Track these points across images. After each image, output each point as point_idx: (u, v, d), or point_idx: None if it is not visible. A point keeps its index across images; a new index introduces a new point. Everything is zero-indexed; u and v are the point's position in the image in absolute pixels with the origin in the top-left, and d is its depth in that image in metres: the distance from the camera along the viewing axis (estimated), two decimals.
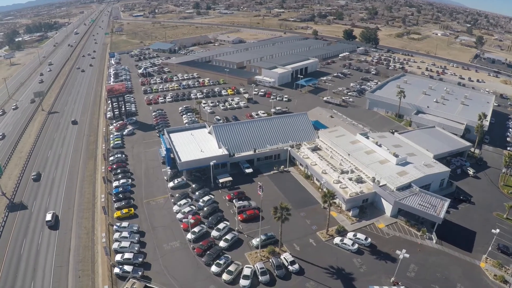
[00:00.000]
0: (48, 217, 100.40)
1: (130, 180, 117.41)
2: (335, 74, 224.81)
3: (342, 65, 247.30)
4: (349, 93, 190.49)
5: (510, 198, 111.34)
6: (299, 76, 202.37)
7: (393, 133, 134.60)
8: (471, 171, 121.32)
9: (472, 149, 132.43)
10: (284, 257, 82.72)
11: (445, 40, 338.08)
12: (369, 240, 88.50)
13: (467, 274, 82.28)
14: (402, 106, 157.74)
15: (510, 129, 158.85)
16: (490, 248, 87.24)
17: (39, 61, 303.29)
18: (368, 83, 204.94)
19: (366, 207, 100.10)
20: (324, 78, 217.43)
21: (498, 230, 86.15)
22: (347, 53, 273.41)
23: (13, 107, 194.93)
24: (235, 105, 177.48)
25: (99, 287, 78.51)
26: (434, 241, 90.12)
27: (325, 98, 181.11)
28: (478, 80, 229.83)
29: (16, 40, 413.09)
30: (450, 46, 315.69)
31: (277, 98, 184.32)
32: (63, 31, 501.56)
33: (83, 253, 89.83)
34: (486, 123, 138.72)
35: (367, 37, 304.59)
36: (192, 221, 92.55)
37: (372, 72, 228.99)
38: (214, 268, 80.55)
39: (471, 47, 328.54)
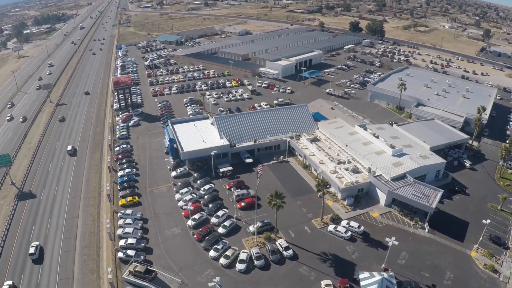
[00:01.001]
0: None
1: (134, 169, 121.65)
2: (339, 66, 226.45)
3: (347, 57, 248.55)
4: (351, 85, 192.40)
5: (505, 190, 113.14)
6: (302, 68, 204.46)
7: (392, 125, 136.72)
8: (467, 163, 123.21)
9: (470, 142, 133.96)
10: (279, 243, 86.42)
11: (452, 33, 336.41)
12: (362, 228, 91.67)
13: (457, 263, 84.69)
14: (403, 98, 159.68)
15: (511, 123, 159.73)
16: (481, 238, 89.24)
17: (47, 53, 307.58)
18: (372, 76, 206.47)
19: (361, 196, 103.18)
20: (328, 70, 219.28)
21: (489, 221, 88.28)
22: (352, 45, 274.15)
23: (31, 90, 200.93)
24: (238, 97, 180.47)
25: (104, 270, 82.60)
26: (427, 230, 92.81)
27: (327, 90, 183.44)
28: (482, 74, 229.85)
29: (24, 32, 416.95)
30: (456, 39, 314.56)
31: (280, 90, 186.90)
32: (71, 23, 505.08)
33: (89, 239, 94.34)
34: (485, 116, 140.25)
35: (373, 29, 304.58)
36: (191, 208, 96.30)
37: (376, 65, 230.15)
38: (212, 253, 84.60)
39: (478, 40, 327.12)
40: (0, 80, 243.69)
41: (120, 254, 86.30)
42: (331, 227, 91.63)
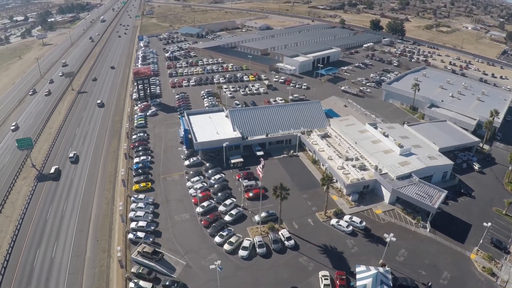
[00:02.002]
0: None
1: (150, 157, 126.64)
2: (356, 64, 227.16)
3: (365, 55, 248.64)
4: (367, 84, 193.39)
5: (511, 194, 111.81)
6: (318, 65, 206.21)
7: (403, 124, 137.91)
8: (476, 166, 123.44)
9: (481, 145, 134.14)
10: (281, 233, 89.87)
11: (474, 34, 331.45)
12: (364, 223, 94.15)
13: (456, 264, 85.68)
14: (417, 99, 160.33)
15: None
16: (481, 241, 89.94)
17: (70, 42, 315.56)
18: (388, 75, 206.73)
19: (366, 193, 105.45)
20: (345, 67, 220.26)
21: (490, 224, 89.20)
22: (371, 43, 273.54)
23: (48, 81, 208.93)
24: (255, 91, 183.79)
25: (114, 249, 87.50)
26: (428, 230, 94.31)
27: (342, 88, 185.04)
28: (501, 77, 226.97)
29: (49, 20, 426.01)
30: (478, 41, 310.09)
31: (296, 86, 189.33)
32: (95, 12, 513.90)
33: (103, 221, 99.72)
34: (498, 120, 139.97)
35: (393, 28, 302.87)
36: (201, 196, 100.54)
37: (394, 64, 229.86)
38: (217, 239, 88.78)
39: (501, 42, 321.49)
40: (24, 67, 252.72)
41: (130, 236, 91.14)
42: (333, 221, 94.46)
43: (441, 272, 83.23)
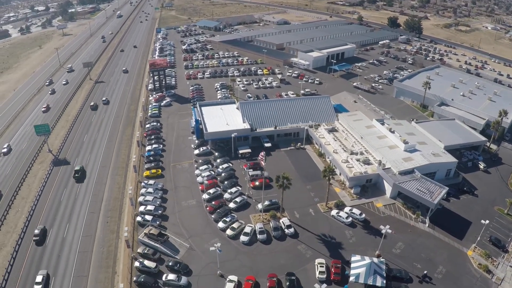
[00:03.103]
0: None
1: (161, 145, 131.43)
2: (370, 61, 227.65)
3: (380, 52, 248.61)
4: (380, 81, 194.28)
5: None
6: (331, 60, 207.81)
7: (410, 122, 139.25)
8: (482, 165, 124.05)
9: (488, 144, 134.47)
10: (282, 221, 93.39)
11: (494, 34, 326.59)
12: (363, 215, 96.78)
13: (452, 259, 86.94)
14: (427, 97, 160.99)
15: None
16: (479, 238, 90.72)
17: (90, 32, 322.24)
18: (402, 72, 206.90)
19: (368, 186, 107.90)
20: (359, 64, 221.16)
21: (487, 221, 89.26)
22: (387, 40, 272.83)
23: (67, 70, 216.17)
24: (267, 85, 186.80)
25: (123, 231, 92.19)
26: (427, 225, 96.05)
27: (354, 84, 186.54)
28: None
29: (69, 11, 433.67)
30: (497, 41, 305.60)
31: (309, 81, 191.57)
32: (115, 3, 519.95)
33: (113, 204, 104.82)
34: (507, 120, 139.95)
35: (411, 25, 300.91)
36: (208, 183, 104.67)
37: (409, 62, 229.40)
38: (220, 224, 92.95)
39: None
40: (44, 56, 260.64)
41: (138, 218, 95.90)
42: (334, 212, 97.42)
43: (437, 266, 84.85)
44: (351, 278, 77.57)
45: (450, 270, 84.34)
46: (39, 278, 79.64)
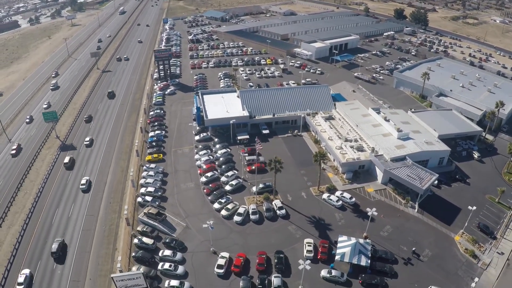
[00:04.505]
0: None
1: (164, 132, 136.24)
2: (373, 52, 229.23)
3: (384, 43, 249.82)
4: (381, 71, 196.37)
5: (509, 185, 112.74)
6: (334, 51, 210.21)
7: (407, 111, 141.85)
8: (476, 155, 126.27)
9: (484, 134, 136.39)
10: (274, 203, 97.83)
11: (501, 28, 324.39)
12: (354, 199, 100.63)
13: (438, 243, 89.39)
14: (427, 87, 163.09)
15: None
16: (466, 224, 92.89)
17: (98, 23, 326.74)
18: (404, 63, 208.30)
19: (360, 172, 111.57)
20: (362, 55, 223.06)
21: (475, 207, 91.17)
22: (392, 32, 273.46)
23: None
24: (270, 74, 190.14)
25: (124, 211, 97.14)
26: (416, 210, 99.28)
27: (355, 74, 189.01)
28: None
29: (78, 1, 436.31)
30: (504, 34, 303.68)
31: (311, 71, 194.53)
32: None
33: (116, 186, 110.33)
34: (504, 111, 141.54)
35: (417, 17, 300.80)
36: (205, 167, 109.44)
37: (412, 53, 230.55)
38: (216, 205, 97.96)
39: None
40: (52, 46, 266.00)
41: (139, 199, 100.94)
42: (325, 195, 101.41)
43: (423, 250, 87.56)
44: (337, 257, 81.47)
45: (436, 253, 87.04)
46: (54, 246, 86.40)
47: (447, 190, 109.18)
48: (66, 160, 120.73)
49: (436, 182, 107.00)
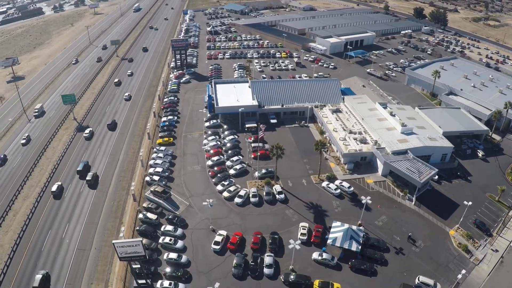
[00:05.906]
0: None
1: (176, 117, 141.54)
2: (389, 49, 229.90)
3: (401, 42, 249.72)
4: (394, 68, 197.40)
5: (511, 184, 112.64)
6: (348, 47, 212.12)
7: (414, 108, 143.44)
8: (480, 153, 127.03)
9: (490, 134, 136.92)
10: (274, 188, 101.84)
11: None
12: (352, 188, 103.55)
13: (432, 236, 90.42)
14: (437, 86, 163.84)
15: None
16: (462, 219, 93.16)
17: (120, 12, 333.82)
18: (419, 62, 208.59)
19: (361, 163, 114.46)
20: (377, 52, 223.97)
21: (470, 203, 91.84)
22: (409, 31, 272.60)
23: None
24: (283, 67, 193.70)
25: (131, 187, 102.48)
26: (413, 203, 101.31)
27: (368, 70, 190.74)
28: None
29: None
30: None
31: (324, 65, 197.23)
32: None
33: (127, 165, 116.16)
34: None
35: (436, 17, 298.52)
36: (209, 149, 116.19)
37: (428, 52, 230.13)
38: (219, 187, 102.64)
39: None
40: (75, 34, 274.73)
41: (147, 178, 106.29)
42: (324, 183, 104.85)
43: (416, 241, 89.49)
44: (329, 241, 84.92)
45: (429, 245, 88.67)
46: None
47: (447, 185, 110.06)
48: (87, 132, 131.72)
49: (436, 177, 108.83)
